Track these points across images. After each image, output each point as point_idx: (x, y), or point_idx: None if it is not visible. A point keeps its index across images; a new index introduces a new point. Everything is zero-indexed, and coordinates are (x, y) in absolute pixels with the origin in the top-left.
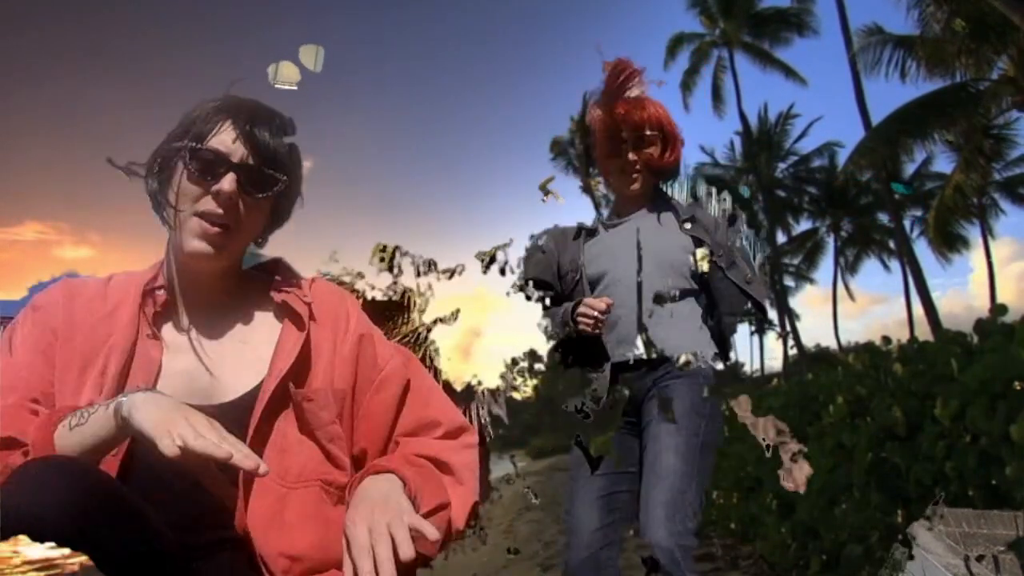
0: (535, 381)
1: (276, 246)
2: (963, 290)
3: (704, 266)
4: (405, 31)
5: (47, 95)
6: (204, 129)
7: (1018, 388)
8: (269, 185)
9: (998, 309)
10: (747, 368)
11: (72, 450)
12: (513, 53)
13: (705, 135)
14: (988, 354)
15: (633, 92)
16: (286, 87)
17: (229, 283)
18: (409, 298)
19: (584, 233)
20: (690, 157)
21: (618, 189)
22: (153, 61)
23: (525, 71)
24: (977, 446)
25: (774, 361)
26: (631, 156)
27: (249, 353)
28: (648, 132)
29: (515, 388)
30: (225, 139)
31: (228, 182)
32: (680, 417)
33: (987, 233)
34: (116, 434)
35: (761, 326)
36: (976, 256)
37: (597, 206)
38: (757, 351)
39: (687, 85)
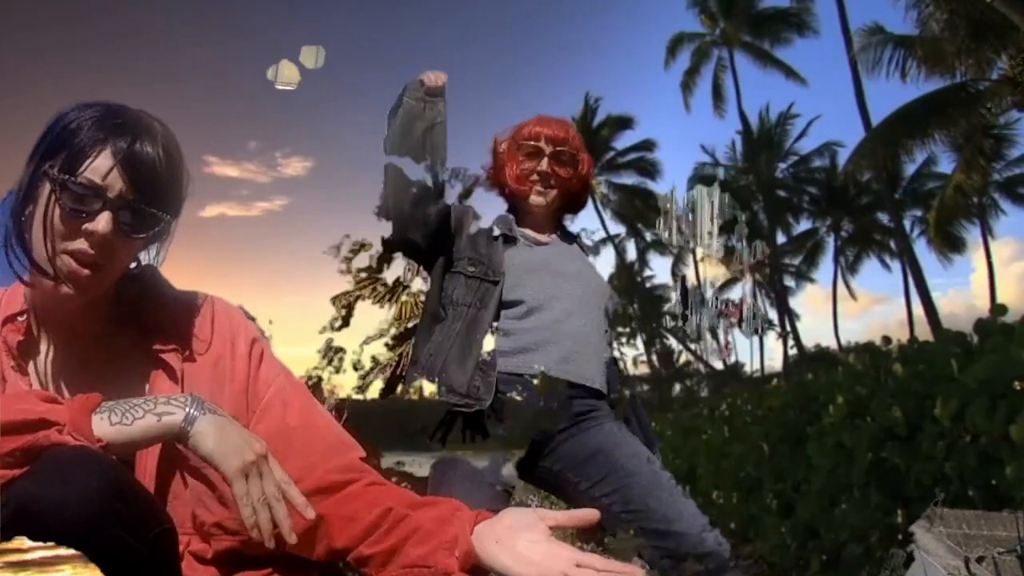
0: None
1: (277, 246)
2: (964, 290)
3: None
4: (407, 32)
5: (49, 94)
6: (77, 154)
7: (1018, 388)
8: (148, 224)
9: (998, 309)
10: (747, 368)
11: (109, 443)
12: (513, 53)
13: (706, 135)
14: (988, 354)
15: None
16: (286, 88)
17: (99, 312)
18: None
19: (502, 238)
20: (691, 157)
21: (524, 200)
22: (162, 59)
23: (525, 71)
24: (977, 446)
25: (774, 361)
26: (547, 166)
27: (124, 392)
28: (567, 150)
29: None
30: (101, 167)
31: (103, 223)
32: (636, 438)
33: (987, 233)
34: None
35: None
36: (978, 256)
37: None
38: (757, 351)
39: (687, 85)
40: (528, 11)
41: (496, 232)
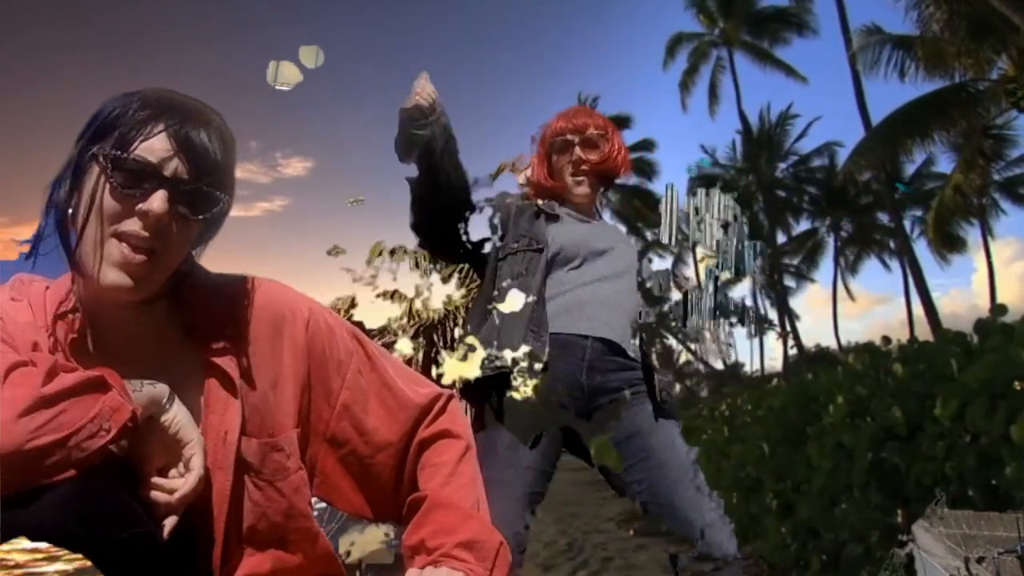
0: (535, 381)
1: (277, 246)
2: (966, 290)
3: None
4: (407, 31)
5: (53, 93)
6: (128, 132)
7: (1018, 388)
8: (206, 205)
9: (998, 309)
10: (747, 368)
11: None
12: (513, 53)
13: (706, 135)
14: (988, 354)
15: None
16: (286, 87)
17: (154, 309)
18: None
19: (544, 215)
20: (690, 157)
21: (568, 191)
22: (162, 58)
23: (525, 71)
24: (977, 446)
25: (774, 361)
26: (579, 153)
27: (184, 396)
28: (593, 132)
29: (515, 389)
30: (155, 146)
31: (158, 201)
32: (675, 424)
33: (987, 233)
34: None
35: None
36: (980, 256)
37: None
38: (757, 351)
39: (686, 85)
40: (528, 11)
41: (536, 209)
